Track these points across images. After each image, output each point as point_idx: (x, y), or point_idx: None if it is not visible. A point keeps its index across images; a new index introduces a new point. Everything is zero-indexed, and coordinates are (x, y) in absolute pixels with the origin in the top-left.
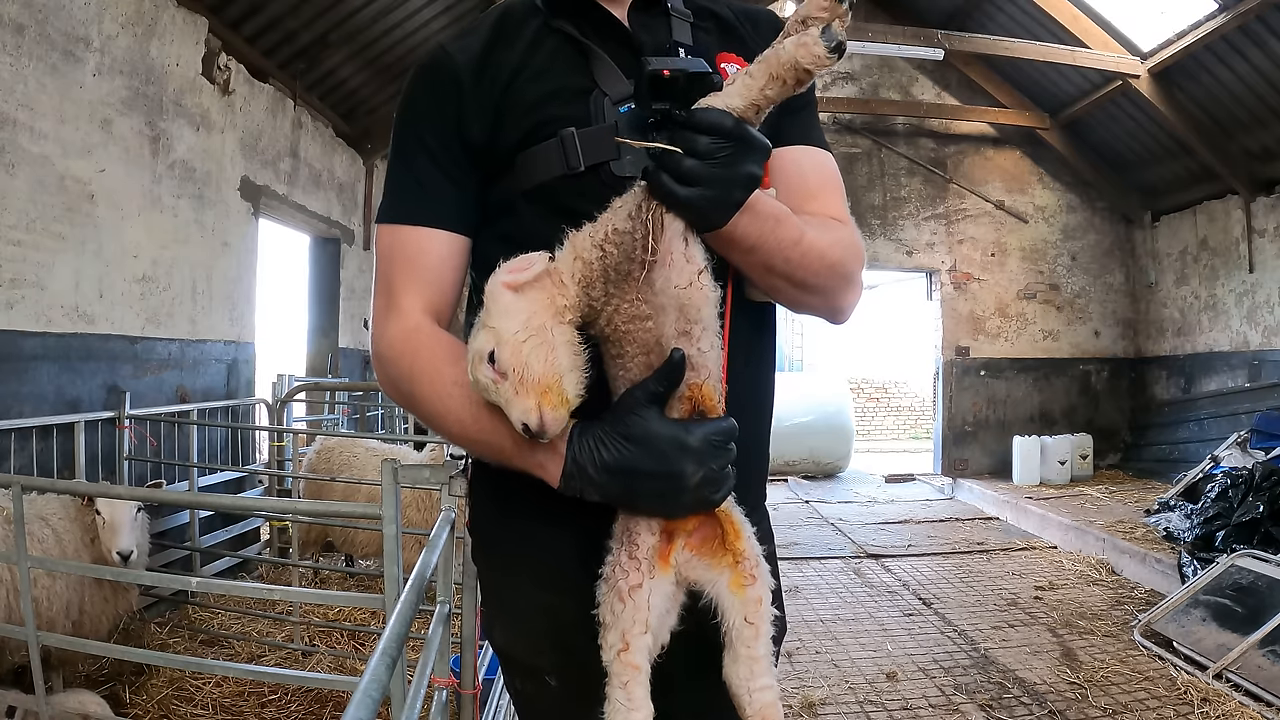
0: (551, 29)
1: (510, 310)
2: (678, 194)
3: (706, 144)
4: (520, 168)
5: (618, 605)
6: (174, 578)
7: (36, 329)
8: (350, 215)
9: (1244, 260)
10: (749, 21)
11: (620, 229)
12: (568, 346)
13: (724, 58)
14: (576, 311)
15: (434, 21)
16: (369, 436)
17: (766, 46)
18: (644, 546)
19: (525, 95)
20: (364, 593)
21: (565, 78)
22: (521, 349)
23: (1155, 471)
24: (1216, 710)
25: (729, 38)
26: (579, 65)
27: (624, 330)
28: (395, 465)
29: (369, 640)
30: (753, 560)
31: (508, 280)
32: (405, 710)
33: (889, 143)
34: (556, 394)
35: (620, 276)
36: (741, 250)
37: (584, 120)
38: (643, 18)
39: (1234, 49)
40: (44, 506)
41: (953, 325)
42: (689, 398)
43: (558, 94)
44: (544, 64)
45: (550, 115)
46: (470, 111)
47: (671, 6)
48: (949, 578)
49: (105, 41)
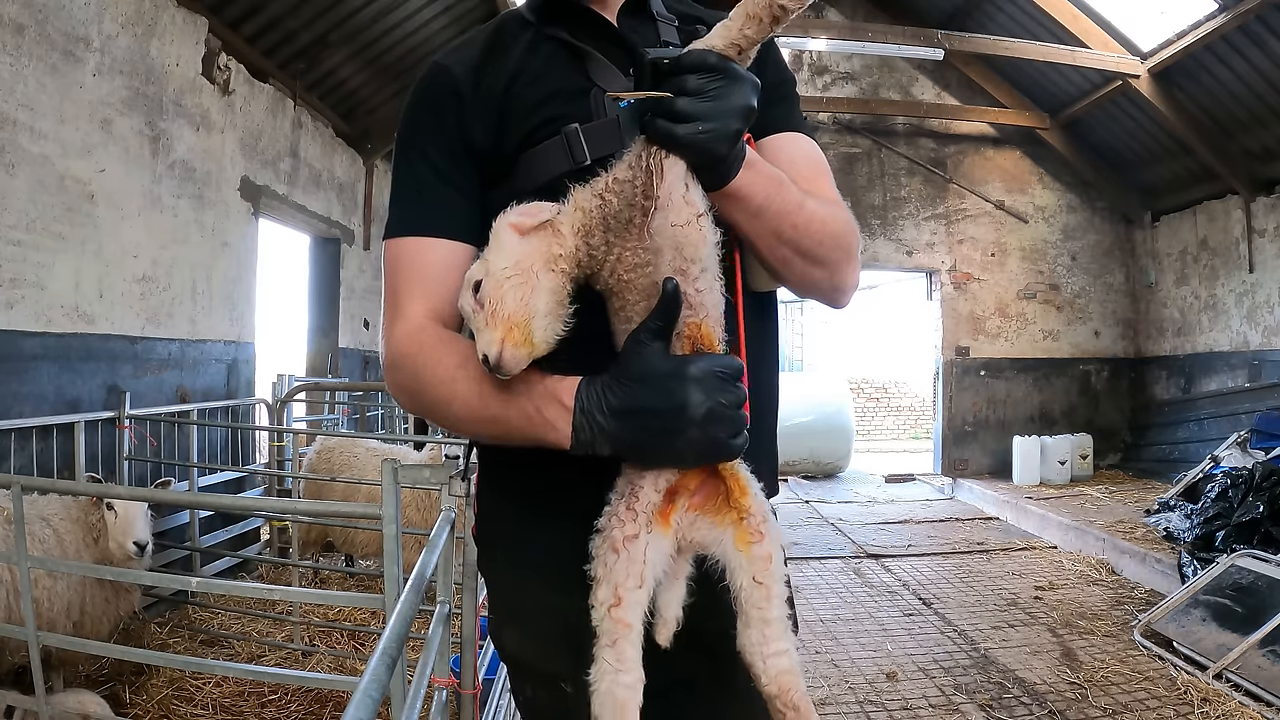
0: (545, 36)
1: (506, 249)
2: (676, 133)
3: (695, 81)
4: (524, 168)
5: (610, 557)
6: (174, 578)
7: (36, 329)
8: (350, 215)
9: (1244, 260)
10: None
11: (620, 178)
12: (550, 293)
13: None
14: (573, 262)
15: (434, 21)
16: (369, 436)
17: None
18: (644, 500)
19: (526, 98)
20: (364, 593)
21: (563, 79)
22: (502, 285)
23: (1155, 471)
24: (1216, 710)
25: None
26: (575, 67)
27: (626, 280)
28: (395, 465)
29: (369, 640)
30: (759, 516)
31: (514, 221)
32: (405, 710)
33: (889, 143)
34: (522, 332)
35: (621, 225)
36: (750, 212)
37: (586, 117)
38: (631, 23)
39: (1234, 49)
40: (44, 506)
41: (953, 325)
42: (688, 336)
43: (558, 94)
44: (541, 68)
45: (553, 114)
46: (471, 118)
47: (657, 13)
48: (949, 578)
49: (105, 41)
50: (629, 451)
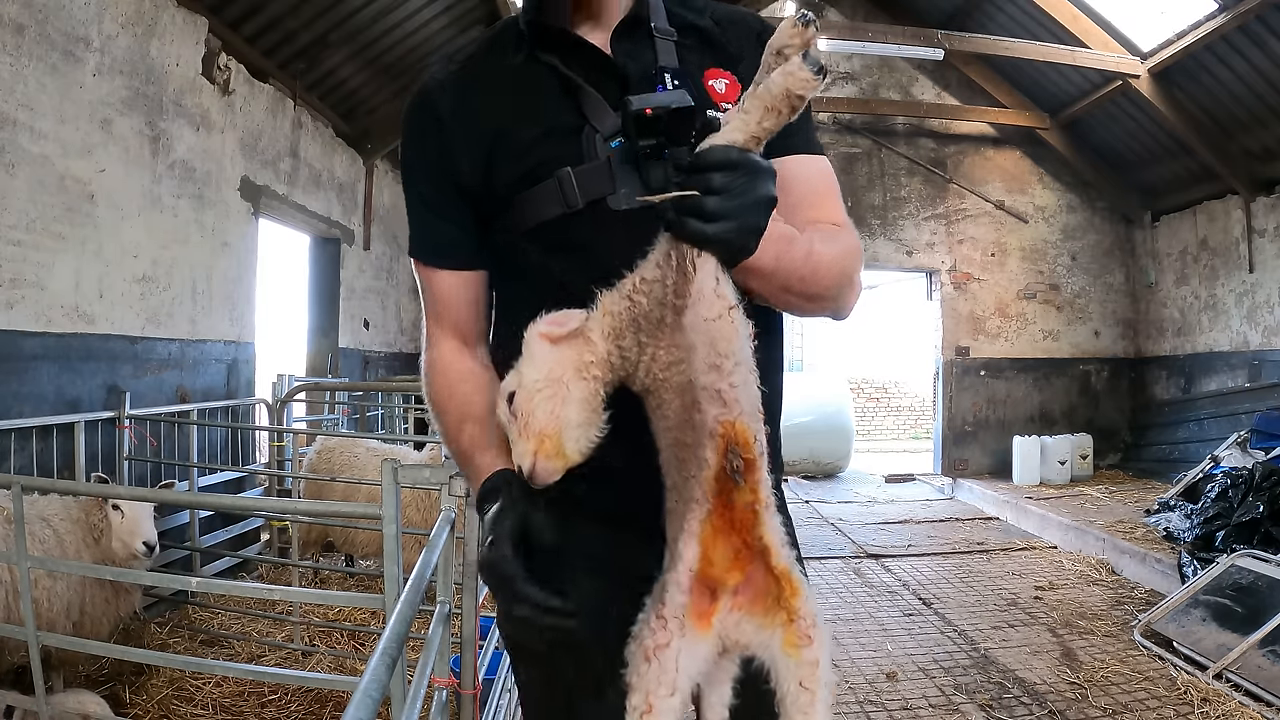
0: (538, 60)
1: (538, 360)
2: (707, 232)
3: (721, 180)
4: (518, 209)
5: (643, 666)
6: (174, 578)
7: (36, 329)
8: (350, 215)
9: (1244, 260)
10: (731, 28)
11: (649, 277)
12: (582, 402)
13: (711, 74)
14: (605, 368)
15: (434, 21)
16: (369, 436)
17: (746, 51)
18: (671, 605)
19: (519, 136)
20: (364, 593)
21: (556, 116)
22: (533, 398)
23: (1155, 471)
24: (1216, 710)
25: (714, 51)
26: (568, 102)
27: (661, 379)
28: (395, 465)
29: (369, 640)
30: (809, 620)
31: (544, 331)
32: (405, 710)
33: (889, 143)
34: (554, 445)
35: (652, 325)
36: (762, 276)
37: (578, 158)
38: (626, 44)
39: (1234, 49)
40: (45, 507)
41: (953, 325)
42: (722, 435)
43: (550, 133)
44: (533, 102)
45: (545, 156)
46: (456, 147)
47: (655, 27)
48: (949, 578)
49: (105, 41)
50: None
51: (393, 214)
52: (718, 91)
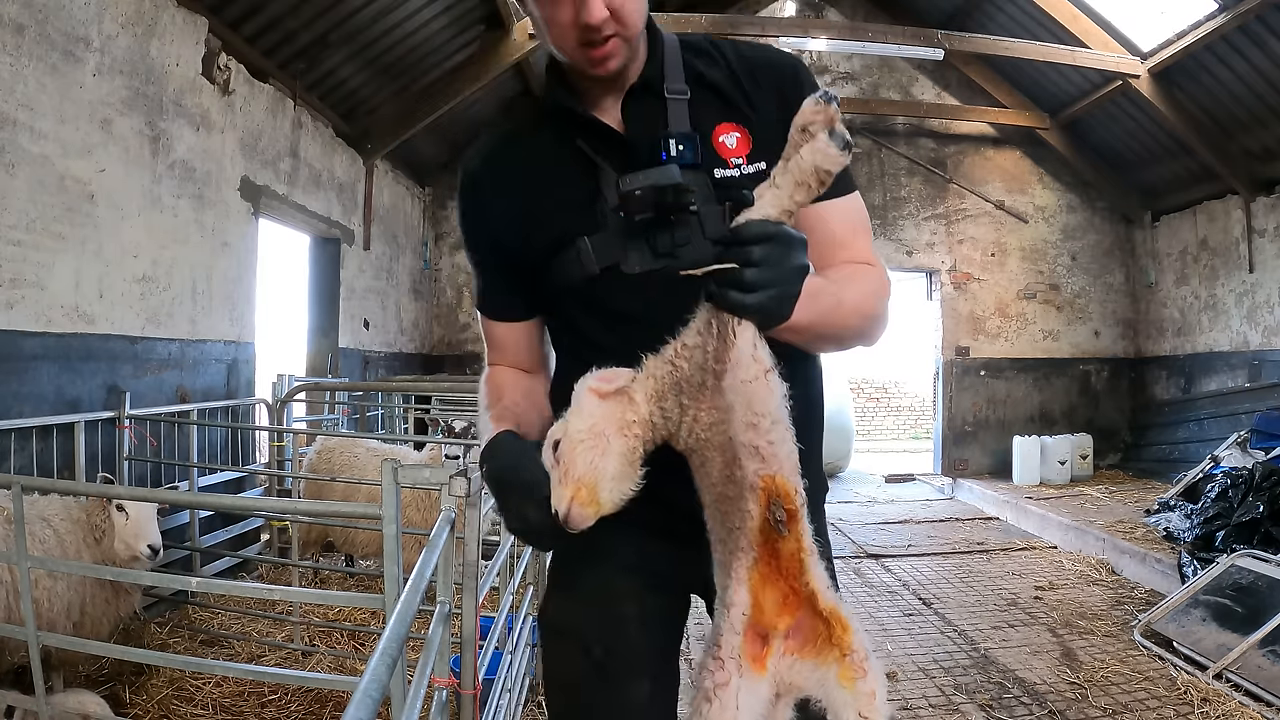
0: (563, 137)
1: (585, 412)
2: (746, 302)
3: (759, 253)
4: (549, 272)
5: (704, 706)
6: (174, 578)
7: (36, 329)
8: (350, 215)
9: (1244, 260)
10: (749, 77)
11: (690, 344)
12: (620, 457)
13: (721, 129)
14: (646, 427)
15: (434, 21)
16: (369, 436)
17: (763, 101)
18: (728, 646)
19: (543, 207)
20: (364, 593)
21: (574, 189)
22: (576, 448)
23: (1155, 471)
24: (1216, 710)
25: (726, 105)
26: (587, 176)
27: (703, 438)
28: (395, 465)
29: (369, 640)
30: (862, 653)
31: (593, 386)
32: (405, 710)
33: (889, 143)
34: (590, 493)
35: (694, 388)
36: (795, 331)
37: (594, 227)
38: (639, 108)
39: (1234, 49)
40: (45, 507)
41: (953, 325)
42: (763, 489)
43: (569, 205)
44: (555, 177)
45: (566, 226)
46: (495, 215)
47: (667, 88)
48: (949, 578)
49: (105, 41)
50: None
51: (393, 214)
52: (727, 147)
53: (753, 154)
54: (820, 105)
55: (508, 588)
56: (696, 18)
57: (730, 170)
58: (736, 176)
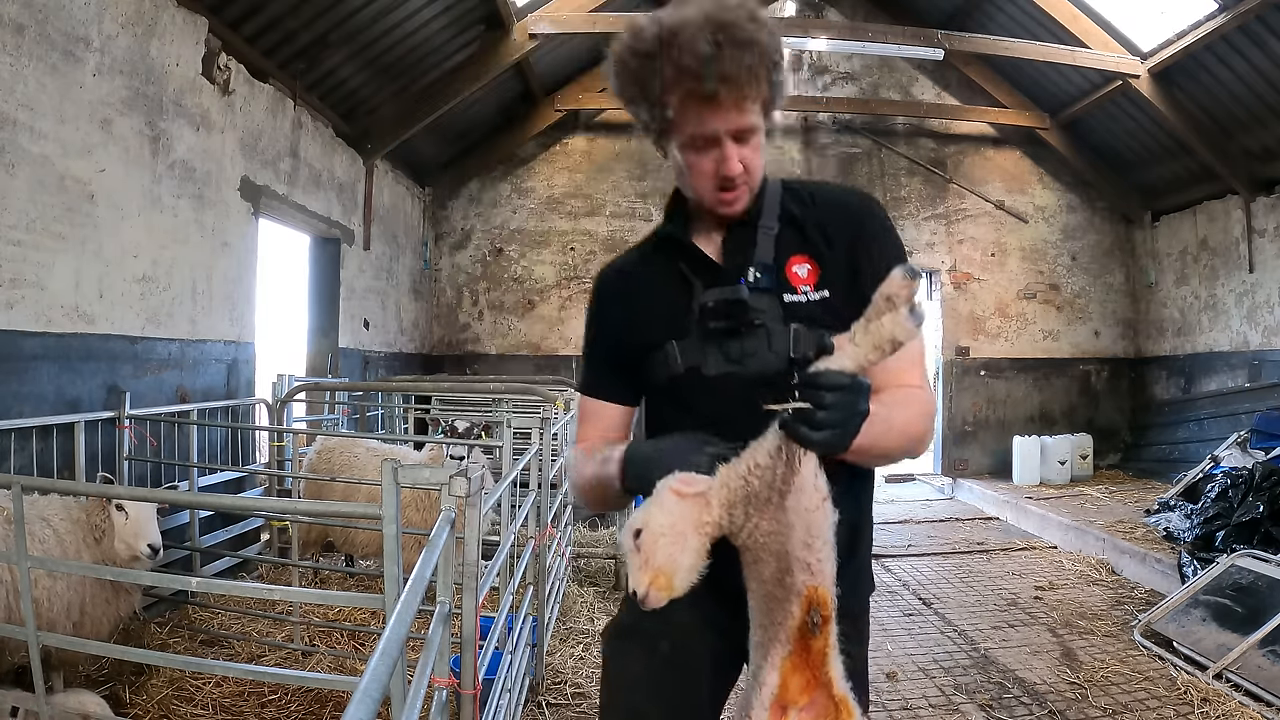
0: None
1: (666, 509)
2: (813, 438)
3: (831, 399)
4: (647, 367)
5: None
6: (174, 578)
7: (36, 329)
8: (350, 215)
9: (1244, 260)
10: (829, 215)
11: (761, 464)
12: (694, 552)
13: (794, 260)
14: (716, 528)
15: (434, 21)
16: (369, 436)
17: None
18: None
19: (651, 313)
20: (364, 593)
21: (673, 302)
22: (657, 540)
23: (1155, 471)
24: (1216, 710)
25: (803, 240)
26: (683, 293)
27: (760, 543)
28: (395, 465)
29: (369, 640)
30: None
31: (675, 488)
32: (405, 710)
33: (889, 143)
34: (665, 581)
35: (760, 502)
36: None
37: (683, 334)
38: (737, 237)
39: (1234, 49)
40: (45, 507)
41: (953, 325)
42: (807, 598)
43: (666, 316)
44: (660, 291)
45: (661, 333)
46: (615, 318)
47: (760, 224)
48: (949, 578)
49: (105, 41)
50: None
51: (393, 214)
52: (798, 276)
53: (819, 283)
54: (906, 281)
55: (508, 588)
56: None
57: (798, 295)
58: (802, 302)
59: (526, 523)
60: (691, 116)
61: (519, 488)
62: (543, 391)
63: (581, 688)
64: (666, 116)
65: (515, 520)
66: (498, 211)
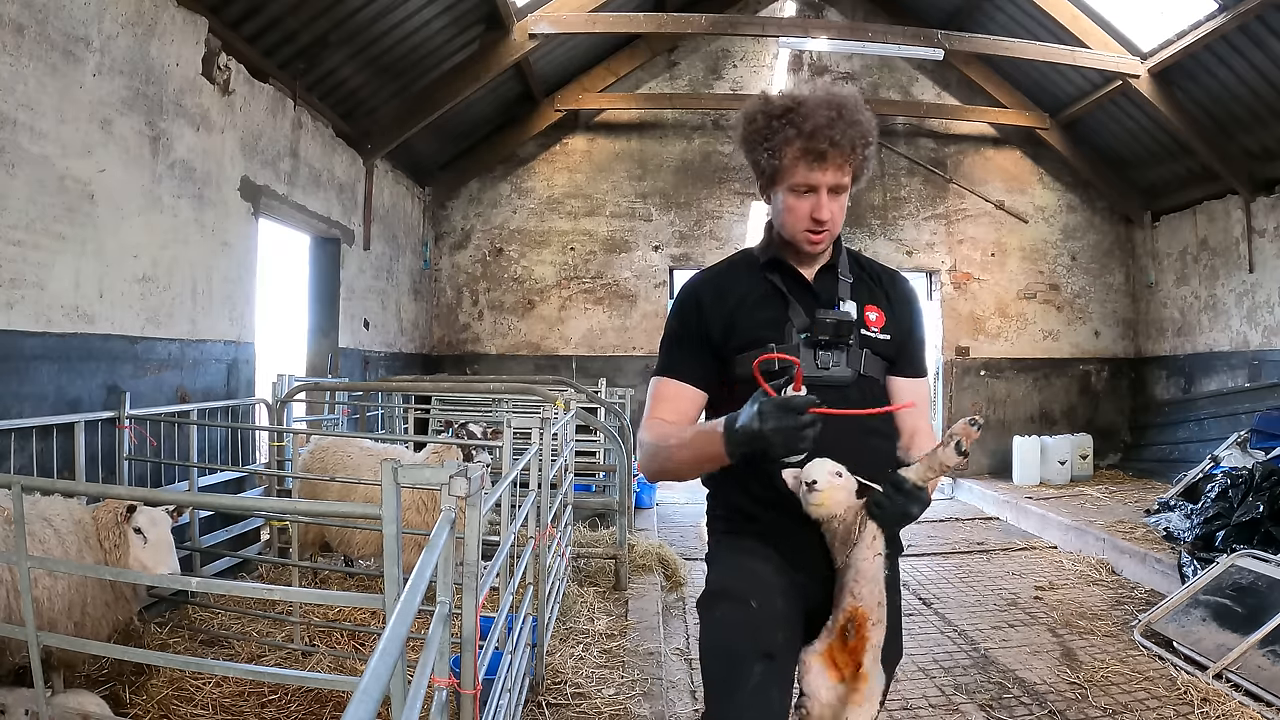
0: (765, 277)
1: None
2: (881, 518)
3: (899, 500)
4: (738, 363)
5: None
6: (174, 578)
7: (36, 329)
8: (350, 215)
9: (1244, 260)
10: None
11: (844, 516)
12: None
13: (869, 307)
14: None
15: (434, 21)
16: (368, 436)
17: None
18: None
19: (750, 319)
20: (364, 593)
21: (772, 312)
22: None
23: (1155, 471)
24: (1216, 710)
25: (870, 293)
26: (780, 305)
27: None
28: (395, 465)
29: (369, 640)
30: (868, 692)
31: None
32: (405, 710)
33: (889, 143)
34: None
35: (839, 538)
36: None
37: (779, 339)
38: (824, 277)
39: (1234, 49)
40: (46, 507)
41: (953, 325)
42: (848, 613)
43: (765, 321)
44: (759, 302)
45: (760, 334)
46: (708, 321)
47: (840, 272)
48: (949, 578)
49: (105, 41)
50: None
51: (393, 214)
52: (870, 319)
53: (884, 328)
54: (968, 429)
55: (508, 588)
56: (696, 18)
57: (870, 331)
58: (873, 337)
59: (526, 523)
60: (801, 168)
61: (519, 488)
62: (542, 391)
63: (581, 687)
64: (778, 165)
65: (515, 520)
66: (498, 211)
